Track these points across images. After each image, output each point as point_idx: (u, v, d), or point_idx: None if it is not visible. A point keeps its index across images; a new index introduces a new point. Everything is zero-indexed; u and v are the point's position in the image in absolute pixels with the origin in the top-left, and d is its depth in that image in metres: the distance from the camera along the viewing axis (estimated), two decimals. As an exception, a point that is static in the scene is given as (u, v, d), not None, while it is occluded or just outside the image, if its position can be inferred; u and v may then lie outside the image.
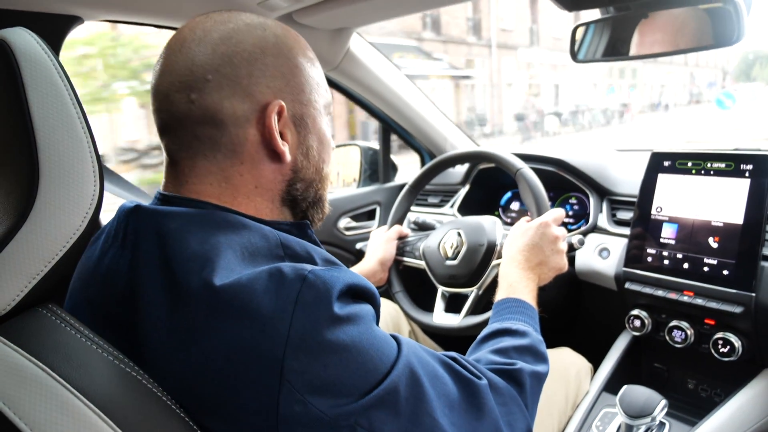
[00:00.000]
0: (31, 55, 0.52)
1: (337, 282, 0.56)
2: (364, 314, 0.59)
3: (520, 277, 1.00)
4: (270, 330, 0.52)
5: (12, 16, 1.01)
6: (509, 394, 0.72)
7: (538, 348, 0.83)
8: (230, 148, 0.65)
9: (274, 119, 0.65)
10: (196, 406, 0.54)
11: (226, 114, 0.63)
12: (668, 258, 1.21)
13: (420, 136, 1.92)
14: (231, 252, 0.58)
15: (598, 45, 1.20)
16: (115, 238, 0.64)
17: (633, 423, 1.02)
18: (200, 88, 0.63)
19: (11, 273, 0.50)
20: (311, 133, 0.71)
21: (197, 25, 0.66)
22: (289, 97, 0.67)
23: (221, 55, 0.63)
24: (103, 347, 0.53)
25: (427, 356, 0.65)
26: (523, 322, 0.87)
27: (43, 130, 0.51)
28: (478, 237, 1.27)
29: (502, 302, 0.94)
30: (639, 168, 1.33)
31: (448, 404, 0.62)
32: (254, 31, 0.66)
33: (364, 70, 1.67)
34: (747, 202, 1.11)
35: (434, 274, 1.33)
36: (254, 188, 0.67)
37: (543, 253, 1.06)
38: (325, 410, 0.53)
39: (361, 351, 0.55)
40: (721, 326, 1.14)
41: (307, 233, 0.71)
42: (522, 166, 1.27)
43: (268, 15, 1.30)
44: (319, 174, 0.74)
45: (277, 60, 0.66)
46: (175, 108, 0.64)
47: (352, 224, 1.91)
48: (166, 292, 0.56)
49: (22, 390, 0.47)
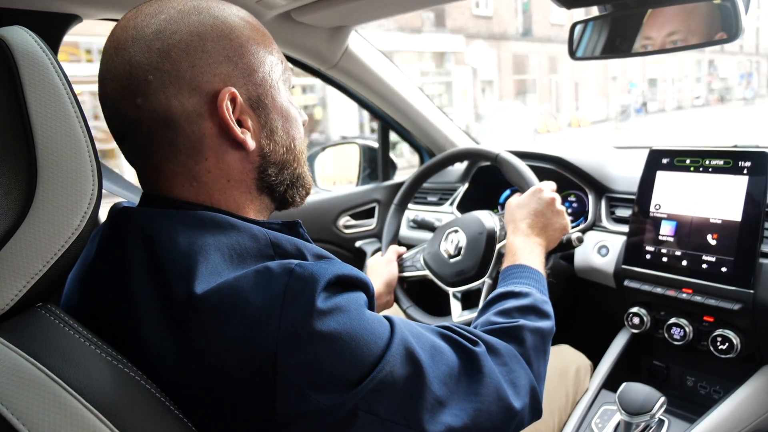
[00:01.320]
0: (29, 54, 0.52)
1: (325, 273, 0.56)
2: (353, 301, 0.58)
3: (525, 244, 1.01)
4: (260, 326, 0.52)
5: (10, 14, 1.01)
6: (509, 353, 0.72)
7: (541, 306, 0.83)
8: (189, 147, 0.62)
9: (226, 108, 0.61)
10: (193, 406, 0.54)
11: (177, 113, 0.60)
12: (667, 255, 1.21)
13: (419, 134, 1.92)
14: (218, 255, 0.57)
15: (596, 42, 1.20)
16: (106, 239, 0.64)
17: (632, 420, 1.03)
18: (143, 91, 0.59)
19: (10, 272, 0.50)
20: (272, 113, 0.66)
21: (128, 23, 0.61)
22: (241, 81, 0.63)
23: (157, 51, 0.59)
24: (101, 347, 0.53)
25: (422, 330, 0.65)
26: (525, 285, 0.88)
27: (41, 128, 0.51)
28: (475, 227, 1.27)
29: (507, 269, 0.96)
30: (637, 165, 1.33)
31: (446, 374, 0.62)
32: (188, 18, 0.61)
33: (363, 68, 1.67)
34: (745, 199, 1.11)
35: (441, 278, 1.32)
36: (227, 182, 0.65)
37: (545, 216, 1.07)
38: (323, 401, 0.52)
39: (353, 337, 0.55)
40: (719, 323, 1.14)
41: (299, 231, 0.70)
42: (499, 151, 1.28)
43: (266, 13, 1.30)
44: (291, 153, 0.70)
45: (219, 44, 0.61)
46: (124, 115, 0.61)
47: (351, 222, 1.91)
48: (156, 295, 0.56)
49: (20, 390, 0.47)
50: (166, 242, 0.57)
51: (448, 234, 1.32)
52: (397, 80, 1.77)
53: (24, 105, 0.51)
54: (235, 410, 0.53)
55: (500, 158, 1.27)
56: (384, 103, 1.80)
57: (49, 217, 0.52)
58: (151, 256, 0.57)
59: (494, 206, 1.79)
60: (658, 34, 1.11)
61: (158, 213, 0.61)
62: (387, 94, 1.77)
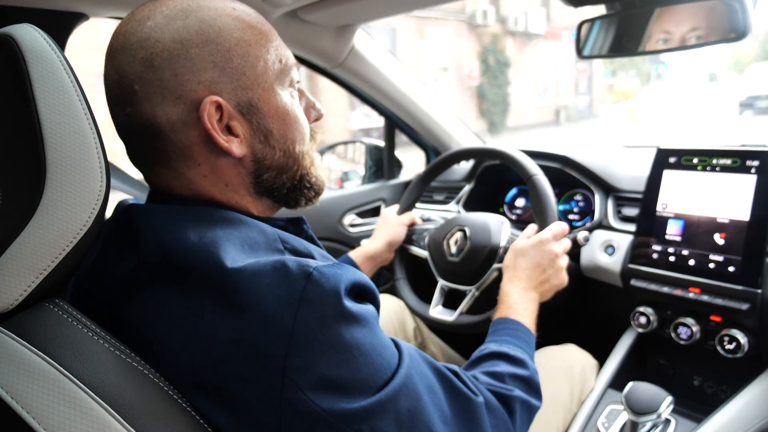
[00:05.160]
0: (37, 52, 0.52)
1: (342, 279, 0.56)
2: (368, 316, 0.58)
3: (522, 298, 0.99)
4: (274, 326, 0.52)
5: (18, 12, 1.01)
6: (502, 417, 0.71)
7: (534, 380, 0.81)
8: (179, 154, 0.61)
9: (209, 117, 0.59)
10: (200, 400, 0.55)
11: (162, 123, 0.59)
12: (674, 254, 1.20)
13: (425, 133, 1.92)
14: (231, 244, 0.57)
15: (603, 41, 1.19)
16: (114, 235, 0.65)
17: (639, 420, 1.02)
18: (131, 100, 0.59)
19: (19, 268, 0.51)
20: (266, 117, 0.64)
21: (120, 29, 0.61)
22: (229, 87, 0.61)
23: (141, 60, 0.58)
24: (110, 341, 0.54)
25: (426, 368, 0.64)
26: (520, 349, 0.85)
27: (50, 126, 0.52)
28: (483, 238, 1.27)
29: (501, 322, 0.93)
30: (644, 164, 1.33)
31: (443, 419, 0.62)
32: (173, 23, 0.59)
33: (369, 66, 1.67)
34: (753, 198, 1.11)
35: (436, 266, 1.35)
36: (225, 186, 0.64)
37: (545, 271, 1.06)
38: (326, 408, 0.53)
39: (364, 353, 0.55)
40: (727, 323, 1.13)
41: (303, 228, 0.70)
42: (536, 172, 1.26)
43: (272, 11, 1.30)
44: (290, 156, 0.68)
45: (204, 49, 0.59)
46: (118, 122, 0.62)
47: (357, 221, 1.91)
48: (167, 288, 0.56)
49: (29, 384, 0.48)
50: (176, 237, 0.57)
51: (455, 231, 1.33)
52: (403, 79, 1.76)
53: (33, 102, 0.51)
54: (242, 405, 0.53)
55: (534, 180, 1.25)
56: (390, 102, 1.80)
57: (57, 214, 0.52)
58: (162, 249, 0.57)
59: (499, 205, 1.79)
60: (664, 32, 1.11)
61: (167, 209, 0.61)
62: (393, 92, 1.77)
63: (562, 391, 1.19)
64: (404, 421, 0.57)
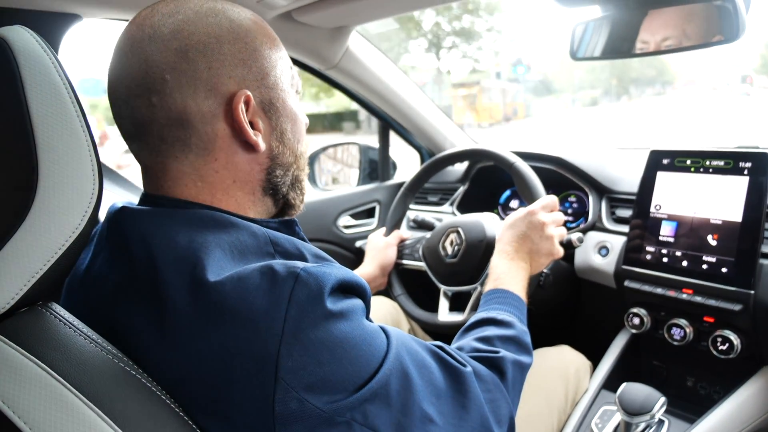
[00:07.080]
0: (30, 54, 0.52)
1: (329, 278, 0.56)
2: (354, 309, 0.59)
3: (509, 268, 1.01)
4: (264, 329, 0.52)
5: (11, 14, 1.01)
6: (493, 381, 0.72)
7: (522, 338, 0.83)
8: (201, 147, 0.62)
9: (242, 111, 0.62)
10: (192, 405, 0.54)
11: (192, 113, 0.60)
12: (667, 256, 1.21)
13: (419, 134, 1.92)
14: (220, 250, 0.57)
15: (596, 43, 1.19)
16: (105, 239, 0.64)
17: (632, 420, 1.03)
18: (159, 89, 0.59)
19: (11, 271, 0.50)
20: (283, 116, 0.68)
21: (144, 21, 0.61)
22: (254, 84, 0.64)
23: (175, 51, 0.59)
24: (102, 345, 0.53)
25: (415, 346, 0.65)
26: (507, 312, 0.88)
27: (42, 128, 0.51)
28: (477, 234, 1.27)
29: (489, 293, 0.95)
30: (638, 166, 1.33)
31: (435, 393, 0.63)
32: (205, 19, 0.61)
33: (364, 68, 1.67)
34: (746, 199, 1.11)
35: (436, 273, 1.33)
36: (232, 183, 0.65)
37: (531, 241, 1.06)
38: (320, 406, 0.53)
39: (353, 346, 0.56)
40: (720, 324, 1.14)
41: (295, 230, 0.71)
42: (515, 160, 1.28)
43: (267, 13, 1.30)
44: (295, 155, 0.71)
45: (235, 46, 0.62)
46: (137, 113, 0.61)
47: (351, 222, 1.91)
48: (156, 294, 0.56)
49: (21, 388, 0.47)
50: (166, 240, 0.57)
51: (449, 233, 1.32)
52: (397, 81, 1.77)
53: (25, 104, 0.51)
54: (234, 410, 0.53)
55: (515, 167, 1.27)
56: (384, 104, 1.80)
57: (49, 216, 0.52)
58: (149, 253, 0.57)
59: (494, 207, 1.79)
60: (658, 34, 1.11)
61: (157, 212, 0.61)
62: (387, 94, 1.77)
63: (556, 391, 1.20)
64: (395, 402, 0.57)
